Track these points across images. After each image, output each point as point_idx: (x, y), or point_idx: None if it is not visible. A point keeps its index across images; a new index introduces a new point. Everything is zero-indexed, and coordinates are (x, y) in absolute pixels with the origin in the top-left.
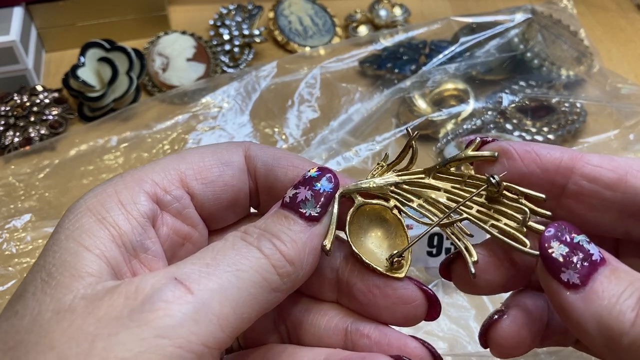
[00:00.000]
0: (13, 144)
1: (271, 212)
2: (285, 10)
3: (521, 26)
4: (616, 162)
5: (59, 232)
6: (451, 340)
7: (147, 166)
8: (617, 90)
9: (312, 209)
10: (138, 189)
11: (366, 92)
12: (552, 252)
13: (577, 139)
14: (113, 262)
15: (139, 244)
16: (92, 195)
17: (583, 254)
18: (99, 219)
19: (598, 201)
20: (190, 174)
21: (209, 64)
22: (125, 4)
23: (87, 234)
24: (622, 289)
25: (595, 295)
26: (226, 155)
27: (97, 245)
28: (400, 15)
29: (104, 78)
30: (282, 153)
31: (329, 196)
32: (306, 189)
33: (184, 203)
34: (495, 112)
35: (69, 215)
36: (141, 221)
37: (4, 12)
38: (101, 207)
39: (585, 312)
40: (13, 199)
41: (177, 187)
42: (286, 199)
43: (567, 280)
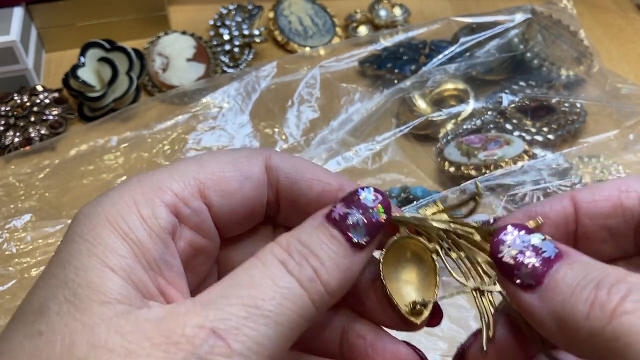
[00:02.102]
0: (13, 144)
1: (314, 223)
2: (285, 10)
3: (521, 26)
4: (607, 189)
5: (79, 243)
6: (451, 341)
7: (164, 172)
8: (617, 90)
9: (362, 237)
10: (158, 200)
11: (366, 92)
12: (502, 256)
13: (576, 139)
14: (139, 284)
15: (162, 261)
16: (109, 204)
17: (535, 253)
18: (121, 235)
19: (605, 232)
20: (210, 185)
21: (209, 64)
22: (125, 4)
23: (110, 252)
24: (576, 282)
25: (550, 293)
26: (247, 166)
27: (123, 265)
28: (400, 15)
29: (104, 78)
30: (305, 164)
31: (381, 227)
32: (359, 212)
33: (202, 216)
34: (495, 112)
35: (85, 223)
36: (163, 237)
37: (4, 12)
38: (122, 220)
39: (542, 310)
40: (13, 199)
41: (197, 198)
42: (334, 216)
43: (522, 282)
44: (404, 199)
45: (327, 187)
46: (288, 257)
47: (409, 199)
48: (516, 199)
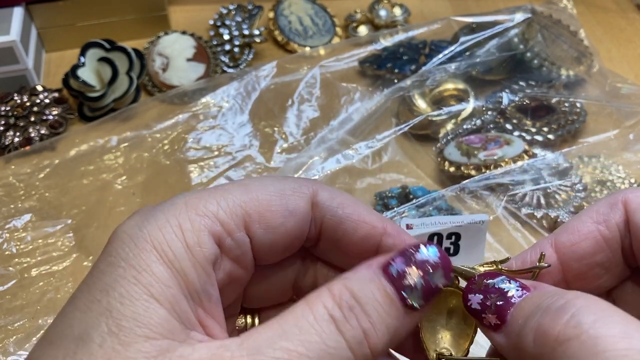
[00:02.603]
0: (13, 144)
1: (369, 275)
2: (285, 10)
3: (521, 26)
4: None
5: (124, 269)
6: None
7: (211, 196)
8: (617, 90)
9: (417, 301)
10: (205, 228)
11: (366, 91)
12: (470, 304)
13: (576, 138)
14: (182, 315)
15: (203, 291)
16: (155, 228)
17: (498, 294)
18: (167, 263)
19: (597, 269)
20: (255, 217)
21: (209, 64)
22: (125, 4)
23: (156, 281)
24: (529, 313)
25: (510, 328)
26: (293, 201)
27: (168, 296)
28: (400, 15)
29: (104, 78)
30: (351, 203)
31: (439, 293)
32: (419, 274)
33: (243, 248)
34: (495, 112)
35: (131, 247)
36: (206, 267)
37: (4, 12)
38: (168, 247)
39: (508, 348)
40: (13, 199)
41: (241, 230)
42: (392, 271)
43: (490, 324)
44: (403, 198)
45: (372, 231)
46: (339, 313)
47: (409, 198)
48: (516, 199)
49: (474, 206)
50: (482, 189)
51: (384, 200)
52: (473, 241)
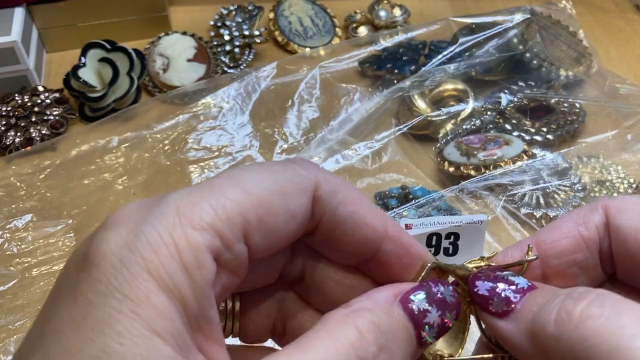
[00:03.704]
0: (14, 144)
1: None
2: (285, 11)
3: (520, 26)
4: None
5: (119, 300)
6: None
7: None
8: (616, 90)
9: (431, 337)
10: (202, 245)
11: (366, 92)
12: (477, 290)
13: (575, 139)
14: (185, 348)
15: (203, 316)
16: (147, 247)
17: (508, 284)
18: (167, 293)
19: (575, 268)
20: (255, 224)
21: (210, 64)
22: (126, 5)
23: (158, 315)
24: (545, 300)
25: (522, 314)
26: (295, 200)
27: (171, 331)
28: (400, 16)
29: (105, 78)
30: (354, 202)
31: (446, 330)
32: (437, 312)
33: (241, 260)
34: (495, 112)
35: (123, 273)
36: (206, 291)
37: (5, 13)
38: (164, 272)
39: (516, 331)
40: (14, 199)
41: (240, 240)
42: (413, 307)
43: (496, 310)
44: (403, 198)
45: (372, 234)
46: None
47: (409, 198)
48: (515, 199)
49: (474, 206)
50: (482, 189)
51: (384, 200)
52: (472, 241)
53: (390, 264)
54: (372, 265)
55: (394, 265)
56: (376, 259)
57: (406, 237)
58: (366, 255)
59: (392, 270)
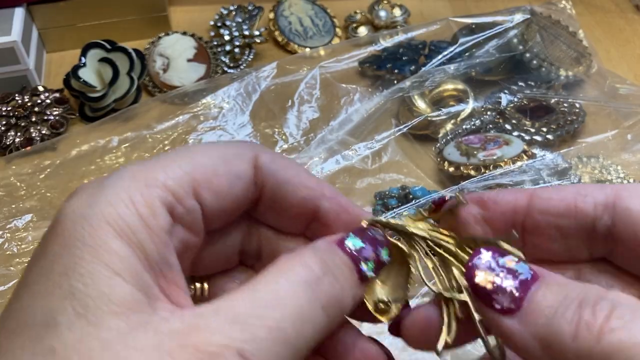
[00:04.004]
0: (14, 144)
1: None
2: (285, 11)
3: (520, 27)
4: (564, 191)
5: (81, 249)
6: None
7: (157, 167)
8: (616, 90)
9: (370, 270)
10: (156, 199)
11: (366, 92)
12: (478, 282)
13: (575, 139)
14: (146, 288)
15: (164, 262)
16: (105, 204)
17: (511, 276)
18: (125, 239)
19: (555, 231)
20: (203, 184)
21: (210, 64)
22: (126, 5)
23: (117, 257)
24: (558, 302)
25: (531, 315)
26: (238, 165)
27: (130, 271)
28: (400, 16)
29: (105, 78)
30: (290, 167)
31: (382, 266)
32: (371, 248)
33: (194, 215)
34: (494, 112)
35: (84, 226)
36: (163, 237)
37: (5, 13)
38: (122, 221)
39: (525, 334)
40: (14, 199)
41: (190, 197)
42: (348, 246)
43: (501, 307)
44: (403, 198)
45: (311, 193)
46: (315, 278)
47: (409, 198)
48: None
49: None
50: (482, 189)
51: (384, 200)
52: None
53: (331, 223)
54: (316, 228)
55: (335, 223)
56: (318, 220)
57: (343, 198)
58: (308, 216)
59: (333, 231)
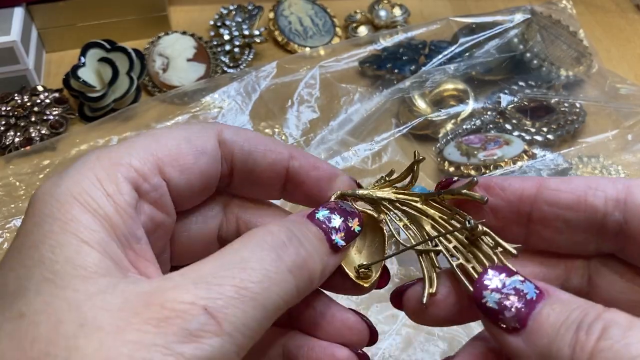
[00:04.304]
0: (14, 144)
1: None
2: (285, 11)
3: (520, 26)
4: (574, 183)
5: (50, 223)
6: (451, 340)
7: (121, 148)
8: (616, 90)
9: (339, 241)
10: (120, 176)
11: (366, 92)
12: (485, 302)
13: (576, 139)
14: (115, 257)
15: (131, 234)
16: (72, 182)
17: (517, 296)
18: (91, 211)
19: (562, 223)
20: (167, 161)
21: (209, 64)
22: (126, 5)
23: (84, 228)
24: (559, 323)
25: (535, 335)
26: (201, 141)
27: (98, 240)
28: (400, 15)
29: (105, 78)
30: (256, 136)
31: (355, 236)
32: (340, 218)
33: (161, 191)
34: (495, 112)
35: (52, 203)
36: (129, 211)
37: (5, 13)
38: (88, 196)
39: (528, 352)
40: (14, 198)
41: (155, 174)
42: (318, 217)
43: (507, 326)
44: None
45: (279, 156)
46: (280, 244)
47: None
48: None
49: None
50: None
51: None
52: None
53: (303, 181)
54: (292, 189)
55: (307, 181)
56: (291, 181)
57: (311, 157)
58: (280, 179)
59: (307, 188)
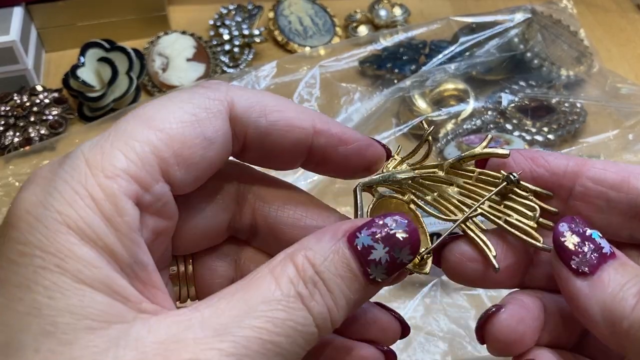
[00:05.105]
0: (13, 144)
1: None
2: (285, 10)
3: (521, 26)
4: (619, 165)
5: (42, 258)
6: (451, 341)
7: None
8: (617, 90)
9: (379, 275)
10: (118, 192)
11: (366, 92)
12: (564, 240)
13: (576, 138)
14: (122, 294)
15: (137, 263)
16: (63, 203)
17: (594, 246)
18: (90, 243)
19: (603, 202)
20: (171, 160)
21: (209, 64)
22: (125, 4)
23: (84, 265)
24: (627, 279)
25: (601, 284)
26: (211, 125)
27: (101, 278)
28: (400, 15)
29: (104, 78)
30: (275, 108)
31: (402, 267)
32: (385, 249)
33: (164, 199)
34: (495, 112)
35: (41, 230)
36: (132, 236)
37: (4, 12)
38: (84, 224)
39: (591, 298)
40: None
41: (158, 179)
42: (358, 244)
43: (577, 268)
44: None
45: (302, 134)
46: (304, 289)
47: None
48: None
49: None
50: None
51: None
52: None
53: (329, 158)
54: (314, 164)
55: (334, 158)
56: (314, 158)
57: (336, 127)
58: (302, 157)
59: (332, 165)
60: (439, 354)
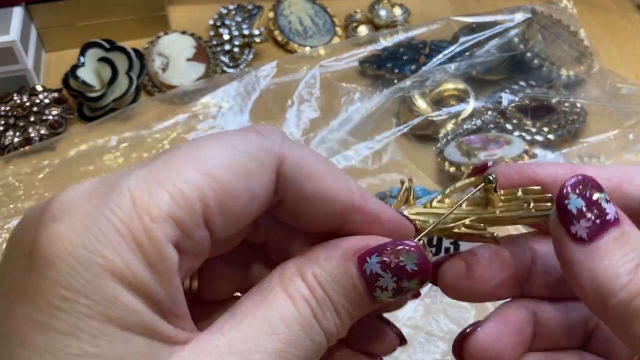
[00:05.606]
0: (13, 144)
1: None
2: (285, 10)
3: (521, 26)
4: (610, 171)
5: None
6: (451, 341)
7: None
8: (617, 90)
9: (385, 298)
10: (162, 238)
11: (366, 92)
12: (567, 203)
13: (577, 138)
14: (160, 333)
15: (174, 303)
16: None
17: (598, 212)
18: (132, 288)
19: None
20: (216, 209)
21: (209, 64)
22: (125, 4)
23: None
24: (625, 253)
25: (597, 253)
26: (258, 179)
27: (143, 324)
28: (400, 15)
29: (104, 78)
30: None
31: (408, 293)
32: (392, 279)
33: (204, 245)
34: (495, 112)
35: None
36: (172, 280)
37: (4, 12)
38: (127, 268)
39: (584, 266)
40: (13, 199)
41: (200, 226)
42: (367, 269)
43: (575, 233)
44: None
45: (339, 208)
46: (317, 307)
47: None
48: None
49: None
50: None
51: (385, 201)
52: None
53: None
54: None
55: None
56: (344, 230)
57: (376, 205)
58: (332, 226)
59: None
60: (439, 354)
